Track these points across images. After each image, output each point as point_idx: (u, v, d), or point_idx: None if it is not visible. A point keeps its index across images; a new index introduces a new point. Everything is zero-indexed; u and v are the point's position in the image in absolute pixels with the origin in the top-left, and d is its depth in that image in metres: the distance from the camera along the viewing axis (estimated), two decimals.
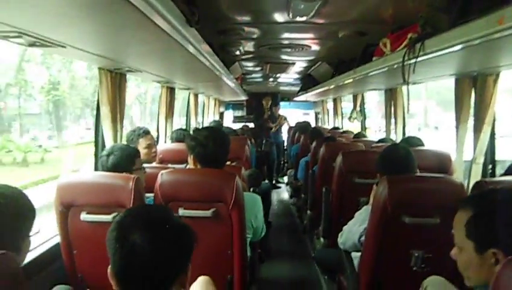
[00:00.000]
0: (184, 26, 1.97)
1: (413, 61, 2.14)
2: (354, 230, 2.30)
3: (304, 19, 2.80)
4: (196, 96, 6.03)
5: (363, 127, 6.55)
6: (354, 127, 7.12)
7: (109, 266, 1.13)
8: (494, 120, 2.87)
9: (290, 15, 2.75)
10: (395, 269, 2.07)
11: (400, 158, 2.25)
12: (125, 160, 2.28)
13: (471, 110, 3.00)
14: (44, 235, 2.30)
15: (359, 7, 2.72)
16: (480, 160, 2.90)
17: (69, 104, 20.14)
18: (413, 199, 2.00)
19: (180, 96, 5.79)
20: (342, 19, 2.95)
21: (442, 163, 3.05)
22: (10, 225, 1.29)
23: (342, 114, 8.16)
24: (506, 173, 2.29)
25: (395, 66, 2.49)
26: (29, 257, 1.91)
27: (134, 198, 1.99)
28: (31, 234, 1.40)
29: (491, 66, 2.49)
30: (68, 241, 2.13)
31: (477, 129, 2.88)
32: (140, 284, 1.08)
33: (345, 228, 2.47)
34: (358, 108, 6.53)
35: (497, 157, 3.04)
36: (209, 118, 7.61)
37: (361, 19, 2.95)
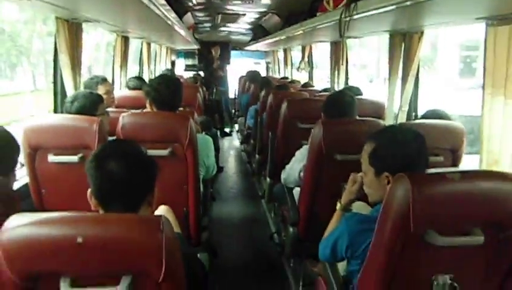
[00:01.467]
0: None
1: (348, 19, 2.42)
2: (294, 167, 2.65)
3: None
4: (149, 45, 6.10)
5: (311, 77, 6.86)
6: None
7: (89, 190, 1.38)
8: (417, 73, 3.24)
9: None
10: (329, 201, 2.42)
11: (344, 103, 2.58)
12: (89, 106, 2.46)
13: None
14: None
15: None
16: (406, 108, 3.30)
17: (2, 52, 18.78)
18: (343, 139, 2.34)
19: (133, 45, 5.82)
20: None
21: (377, 110, 3.43)
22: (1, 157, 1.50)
23: (292, 64, 8.43)
24: (422, 117, 2.72)
25: (334, 22, 2.76)
26: None
27: (98, 139, 2.19)
28: (16, 168, 1.61)
29: (417, 26, 2.82)
30: (36, 182, 2.31)
31: (404, 81, 3.25)
32: (117, 202, 1.33)
33: (287, 166, 2.81)
34: (306, 59, 6.82)
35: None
36: (161, 66, 7.68)
37: None
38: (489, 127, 2.26)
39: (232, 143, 8.19)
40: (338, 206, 1.91)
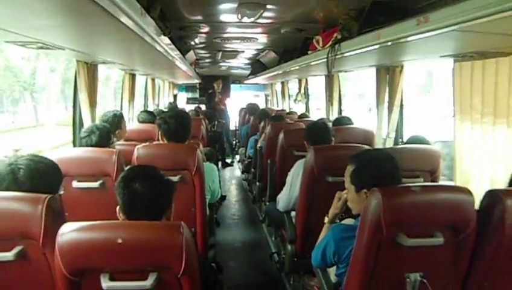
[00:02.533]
0: (147, 24, 2.42)
1: (333, 58, 2.77)
2: (295, 181, 2.95)
3: (250, 20, 3.38)
4: (153, 80, 6.49)
5: (307, 109, 7.22)
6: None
7: (117, 207, 1.67)
8: (401, 103, 3.58)
9: (239, 16, 3.32)
10: (322, 219, 2.71)
11: (319, 130, 2.95)
12: (106, 137, 2.78)
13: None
14: None
15: (296, 10, 3.32)
16: (392, 134, 3.62)
17: (5, 88, 18.91)
18: (332, 162, 2.64)
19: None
20: (283, 19, 3.56)
21: (367, 137, 3.75)
22: (50, 181, 1.80)
23: (289, 96, 8.82)
24: (406, 143, 3.06)
25: (323, 60, 3.12)
26: None
27: (117, 168, 2.50)
28: (60, 192, 1.90)
29: (395, 61, 3.18)
30: (61, 205, 2.60)
31: (390, 110, 3.59)
32: (141, 216, 1.63)
33: (279, 196, 3.14)
34: (302, 91, 7.20)
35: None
36: (164, 100, 8.07)
37: (298, 20, 3.57)
38: (460, 150, 2.58)
39: (234, 173, 8.49)
40: (326, 219, 2.20)
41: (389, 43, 2.07)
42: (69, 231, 1.35)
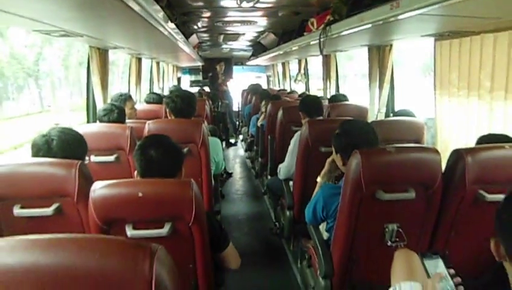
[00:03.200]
0: (155, 11, 2.66)
1: (324, 39, 3.02)
2: (290, 158, 3.24)
3: (249, 4, 3.63)
4: (158, 64, 6.75)
5: (307, 88, 7.46)
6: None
7: (135, 171, 1.95)
8: (392, 79, 3.83)
9: (238, 1, 3.56)
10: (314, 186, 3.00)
11: (313, 102, 3.22)
12: (123, 114, 3.07)
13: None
14: None
15: None
16: (383, 109, 3.88)
17: (10, 75, 18.90)
18: (325, 134, 2.91)
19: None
20: (280, 3, 3.80)
21: (360, 112, 4.02)
22: (78, 149, 2.09)
23: (290, 77, 9.05)
24: (394, 115, 3.33)
25: (316, 41, 3.37)
26: None
27: (130, 142, 2.76)
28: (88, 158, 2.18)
29: (384, 41, 3.42)
30: None
31: (381, 87, 3.84)
32: (156, 177, 1.91)
33: (280, 165, 3.42)
34: (302, 71, 7.44)
35: None
36: (168, 83, 8.33)
37: (294, 3, 3.81)
38: (441, 121, 2.85)
39: (237, 152, 8.77)
40: (318, 179, 2.48)
41: (369, 26, 2.32)
42: (100, 187, 1.63)
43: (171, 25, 3.37)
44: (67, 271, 0.87)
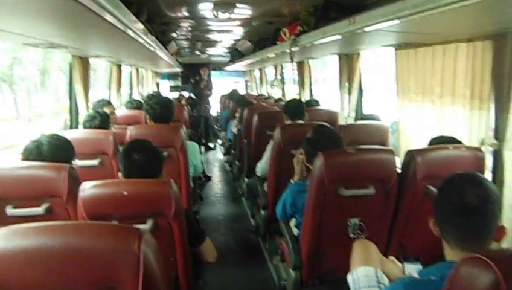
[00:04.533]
0: (133, 22, 2.80)
1: (294, 49, 3.24)
2: (266, 159, 3.44)
3: (225, 16, 3.83)
4: (137, 70, 6.89)
5: (283, 93, 7.69)
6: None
7: (119, 173, 2.12)
8: (360, 86, 4.08)
9: (214, 13, 3.76)
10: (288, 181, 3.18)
11: (296, 106, 3.43)
12: (107, 121, 3.22)
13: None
14: None
15: (263, 7, 3.77)
16: (352, 114, 4.13)
17: None
18: (296, 138, 3.11)
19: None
20: (253, 14, 4.01)
21: (331, 117, 4.24)
22: (67, 153, 2.25)
23: (267, 82, 9.27)
24: (361, 119, 3.57)
25: (288, 50, 3.59)
26: None
27: (114, 146, 2.91)
28: (73, 162, 2.33)
29: (350, 50, 3.67)
30: None
31: (350, 93, 4.08)
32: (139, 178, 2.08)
33: (259, 163, 3.62)
34: (278, 76, 7.66)
35: None
36: (148, 89, 8.46)
37: (267, 14, 4.02)
38: (402, 125, 3.09)
39: (216, 156, 8.94)
40: (292, 181, 2.68)
41: (337, 37, 2.55)
42: (89, 187, 1.80)
43: (151, 37, 3.53)
44: (70, 251, 1.07)
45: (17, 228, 1.11)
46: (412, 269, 1.59)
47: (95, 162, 2.93)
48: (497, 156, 2.27)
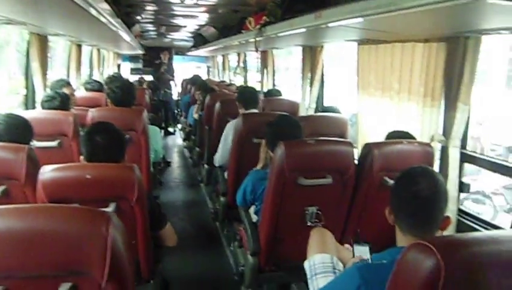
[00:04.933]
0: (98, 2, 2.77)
1: (259, 39, 3.28)
2: (223, 146, 3.48)
3: (191, 2, 3.81)
4: (98, 50, 6.73)
5: (245, 81, 7.72)
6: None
7: (81, 157, 2.11)
8: (322, 78, 4.18)
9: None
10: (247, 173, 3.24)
11: (249, 94, 3.47)
12: (67, 102, 3.15)
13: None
14: None
15: None
16: (313, 106, 4.22)
17: None
18: (259, 126, 3.15)
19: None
20: (220, 2, 4.02)
21: (292, 107, 4.32)
22: (25, 134, 2.20)
23: (230, 69, 9.27)
24: (321, 111, 3.67)
25: (253, 39, 3.63)
26: None
27: (74, 128, 2.86)
28: (31, 143, 2.29)
29: (314, 42, 3.74)
30: None
31: (312, 84, 4.17)
32: (102, 162, 2.08)
33: (216, 154, 3.65)
34: (241, 64, 7.69)
35: None
36: (108, 70, 8.28)
37: (233, 2, 4.03)
38: (361, 118, 3.20)
39: (175, 141, 8.89)
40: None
41: (299, 31, 2.61)
42: (49, 170, 1.79)
43: (116, 19, 3.47)
44: (38, 234, 1.07)
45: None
46: (362, 251, 1.69)
47: (54, 143, 2.87)
48: (444, 152, 2.42)
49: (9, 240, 1.07)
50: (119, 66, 10.24)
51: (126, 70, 10.94)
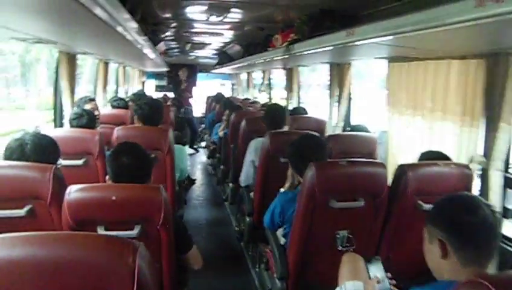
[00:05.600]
0: (123, 19, 2.76)
1: (287, 56, 3.23)
2: (247, 163, 3.41)
3: (217, 20, 3.80)
4: (124, 68, 6.80)
5: (270, 98, 7.68)
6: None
7: (107, 177, 2.07)
8: (350, 96, 4.09)
9: (206, 17, 3.73)
10: (276, 193, 3.15)
11: (277, 114, 3.40)
12: (94, 119, 3.15)
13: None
14: None
15: (257, 13, 3.75)
16: (341, 124, 4.13)
17: None
18: (286, 145, 3.10)
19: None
20: (246, 19, 3.98)
21: (319, 126, 4.25)
22: (51, 154, 2.18)
23: (254, 86, 9.26)
24: (350, 131, 3.58)
25: (280, 57, 3.58)
26: None
27: (99, 147, 2.85)
28: (58, 163, 2.26)
29: (342, 60, 3.67)
30: None
31: (339, 102, 4.09)
32: (127, 183, 2.03)
33: (241, 174, 3.59)
34: (266, 81, 7.66)
35: None
36: (133, 87, 8.36)
37: (259, 20, 4.00)
38: (392, 137, 3.10)
39: (199, 159, 8.88)
40: (281, 190, 2.65)
41: (331, 47, 2.54)
42: (75, 190, 1.75)
43: (144, 37, 3.48)
44: (61, 263, 1.03)
45: (4, 237, 1.05)
46: (376, 269, 1.61)
47: (79, 162, 2.88)
48: (484, 174, 2.29)
49: (35, 268, 1.02)
50: (143, 83, 10.34)
51: (150, 88, 11.04)
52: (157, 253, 1.89)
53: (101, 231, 1.79)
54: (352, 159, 2.28)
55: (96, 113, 3.91)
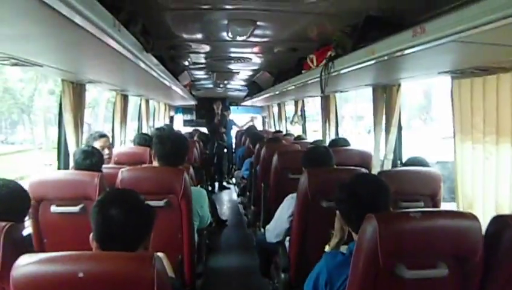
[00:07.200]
0: (138, 48, 2.37)
1: (327, 76, 2.66)
2: (283, 215, 2.79)
3: (242, 38, 3.29)
4: (147, 101, 6.39)
5: (304, 130, 7.12)
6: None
7: (91, 234, 1.53)
8: (399, 124, 3.46)
9: (230, 34, 3.22)
10: (318, 246, 2.54)
11: (320, 154, 2.79)
12: (102, 160, 2.68)
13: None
14: None
15: (288, 29, 3.22)
16: (390, 156, 3.49)
17: (4, 110, 18.60)
18: (328, 186, 2.49)
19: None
20: (275, 38, 3.47)
21: (364, 159, 3.63)
22: (14, 207, 1.68)
23: (286, 118, 8.73)
24: (404, 165, 2.93)
25: (316, 79, 3.00)
26: None
27: (99, 191, 2.37)
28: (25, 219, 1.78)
29: (392, 79, 3.07)
30: (39, 232, 2.47)
31: (387, 131, 3.46)
32: (115, 245, 1.47)
33: (267, 226, 2.98)
34: (299, 112, 7.11)
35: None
36: (159, 122, 7.96)
37: (291, 38, 3.47)
38: (462, 172, 2.44)
39: (230, 196, 8.35)
40: (327, 248, 2.04)
41: (385, 58, 1.95)
42: (25, 264, 1.20)
43: (152, 59, 3.01)
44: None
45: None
46: None
47: (75, 209, 2.44)
48: None
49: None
50: (171, 118, 9.97)
51: (180, 123, 10.69)
52: None
53: None
54: (427, 210, 1.64)
55: (106, 151, 3.45)
